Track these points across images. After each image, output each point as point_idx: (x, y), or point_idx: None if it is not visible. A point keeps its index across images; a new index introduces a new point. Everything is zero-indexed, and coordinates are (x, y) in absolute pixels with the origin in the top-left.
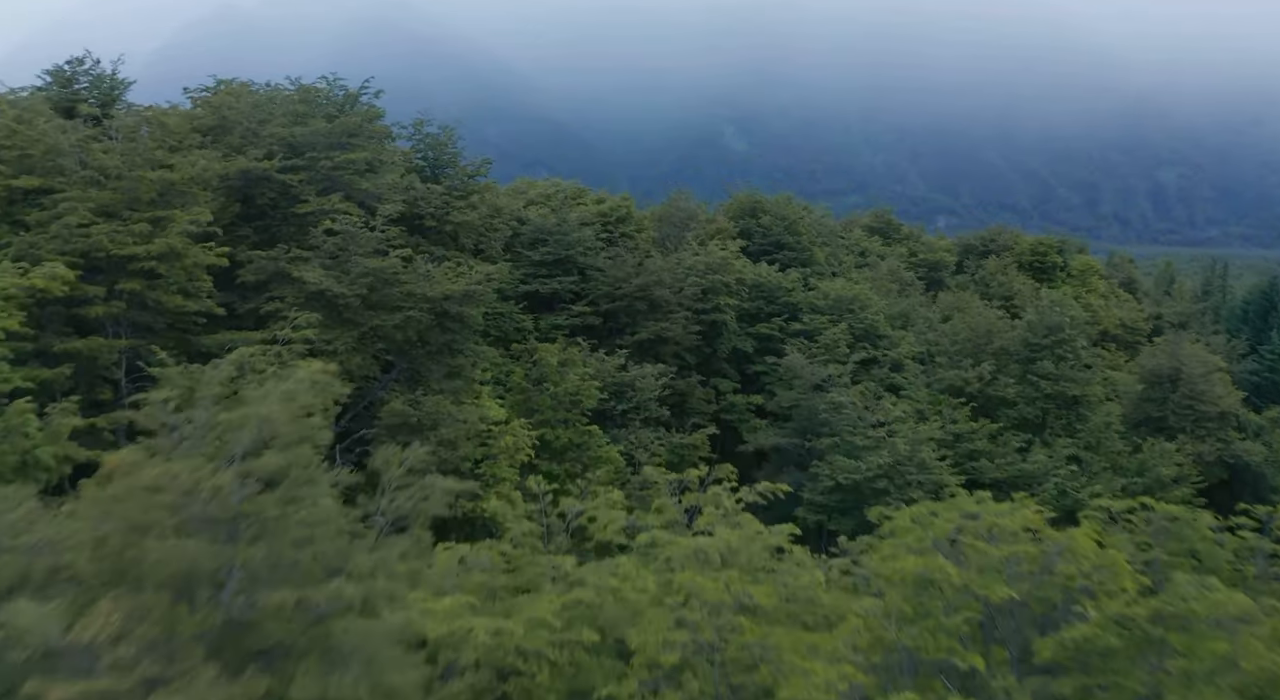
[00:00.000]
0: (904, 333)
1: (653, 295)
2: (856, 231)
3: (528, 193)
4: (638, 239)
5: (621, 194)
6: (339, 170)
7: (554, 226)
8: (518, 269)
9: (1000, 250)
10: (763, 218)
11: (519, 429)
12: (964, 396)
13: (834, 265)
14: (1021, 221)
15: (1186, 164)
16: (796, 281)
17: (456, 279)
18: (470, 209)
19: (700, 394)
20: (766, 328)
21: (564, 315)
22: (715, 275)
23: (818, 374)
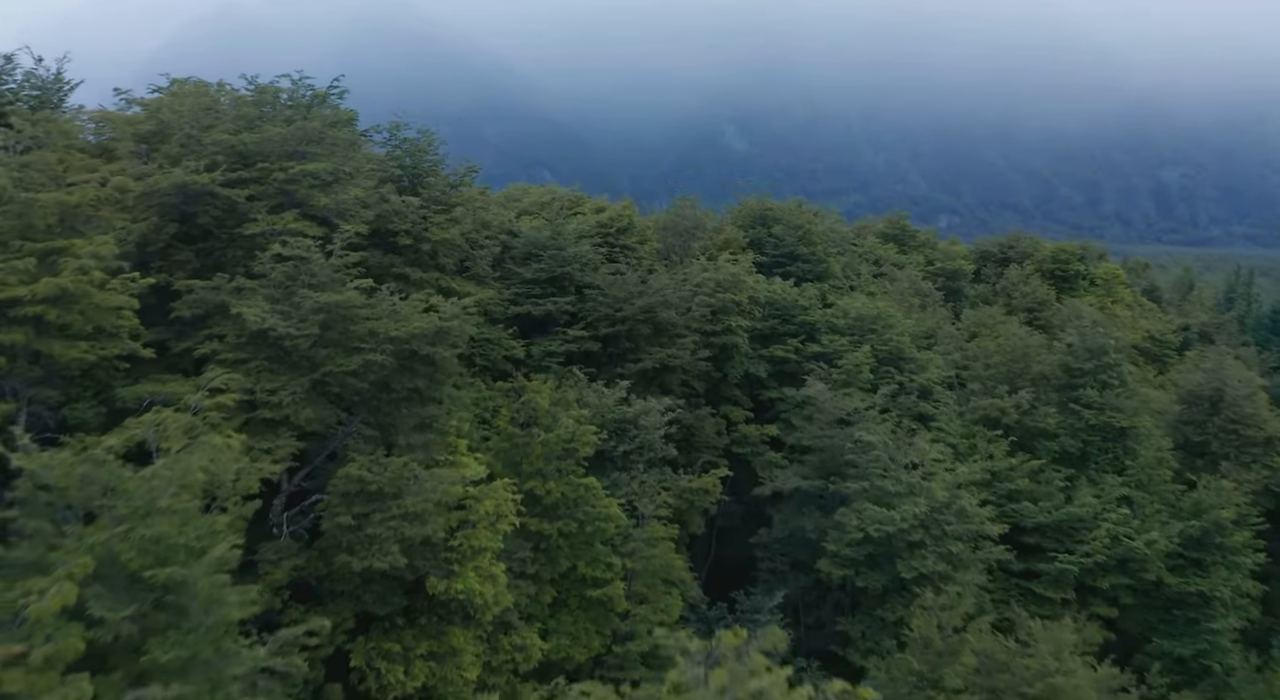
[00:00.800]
0: (931, 354)
1: (657, 317)
2: (870, 238)
3: (521, 200)
4: (640, 251)
5: (622, 200)
6: (294, 183)
7: (548, 240)
8: (508, 288)
9: (1020, 258)
10: (774, 227)
11: (502, 490)
12: (1000, 428)
13: (851, 277)
14: (1023, 221)
15: (1189, 163)
16: (813, 298)
17: (427, 314)
18: (452, 224)
19: (710, 425)
20: (782, 350)
21: (559, 340)
22: (726, 293)
23: (842, 407)
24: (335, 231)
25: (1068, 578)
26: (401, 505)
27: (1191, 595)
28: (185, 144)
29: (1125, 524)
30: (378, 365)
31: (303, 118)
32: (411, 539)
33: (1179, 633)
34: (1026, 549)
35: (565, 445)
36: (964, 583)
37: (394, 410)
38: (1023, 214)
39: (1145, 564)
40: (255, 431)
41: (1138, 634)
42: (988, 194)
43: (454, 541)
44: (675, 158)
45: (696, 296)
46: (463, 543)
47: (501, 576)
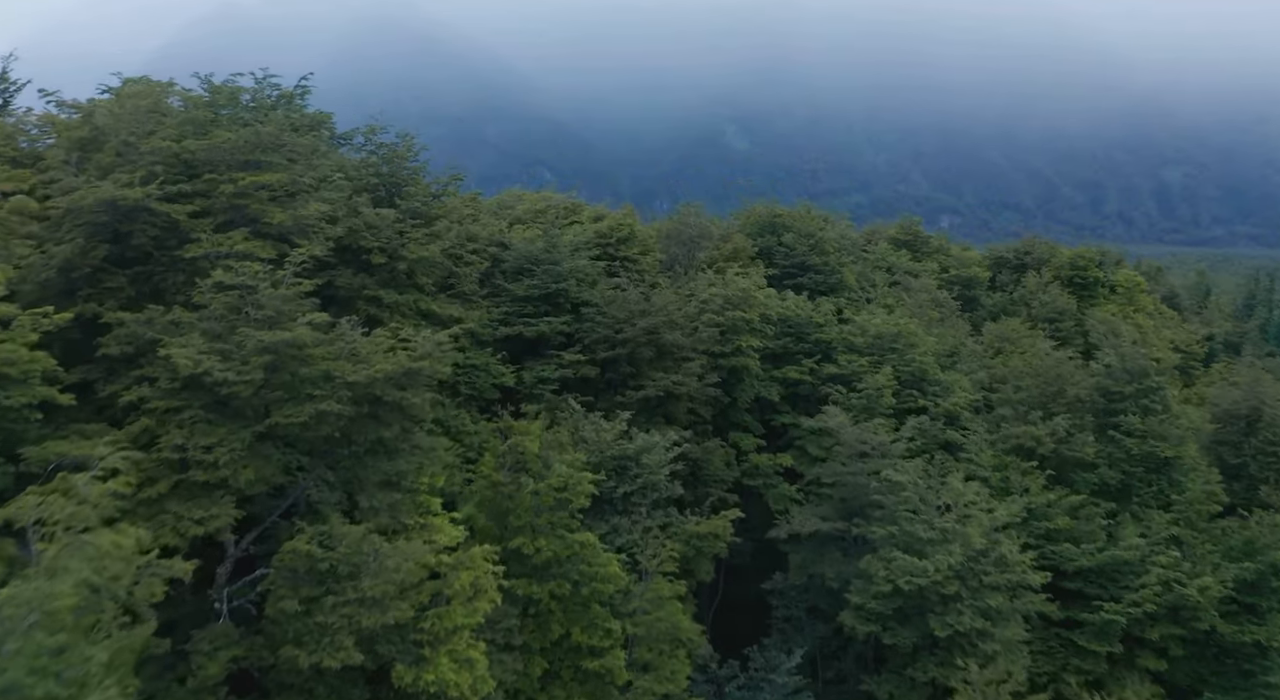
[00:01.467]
0: (957, 376)
1: (661, 340)
2: (882, 245)
3: (514, 208)
4: (642, 263)
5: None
6: (245, 197)
7: (542, 253)
8: (497, 307)
9: (1036, 264)
10: (785, 235)
11: (481, 560)
12: (1035, 458)
13: (866, 289)
14: (1025, 221)
15: (1191, 163)
16: (829, 315)
17: (395, 352)
18: (432, 239)
19: (719, 456)
20: (796, 371)
21: (553, 365)
22: (735, 311)
23: (868, 440)
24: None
25: (1114, 629)
26: (358, 588)
27: (1246, 645)
28: (122, 152)
29: (1175, 567)
30: (333, 416)
31: (261, 121)
32: (370, 629)
33: (1233, 686)
34: (1067, 595)
35: (558, 495)
36: (1004, 641)
37: (356, 465)
38: (1024, 214)
39: (1198, 612)
40: (186, 497)
41: (1187, 686)
42: (989, 194)
43: (424, 623)
44: (676, 157)
45: (703, 314)
46: (435, 623)
47: (481, 659)
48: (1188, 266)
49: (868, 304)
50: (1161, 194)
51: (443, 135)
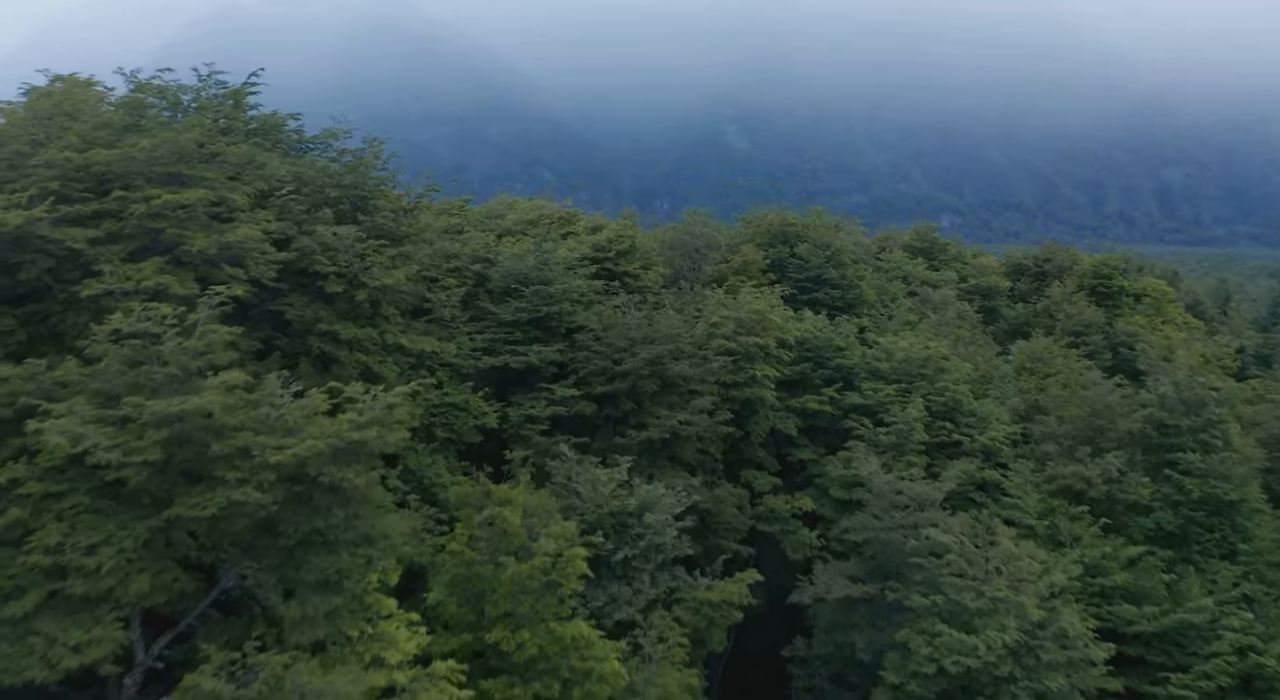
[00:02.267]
0: (992, 406)
1: (667, 371)
2: (897, 252)
3: (504, 218)
4: (644, 279)
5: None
6: (161, 218)
7: (532, 271)
8: (481, 333)
9: (1058, 272)
10: (798, 246)
11: (445, 680)
12: (1085, 502)
13: (887, 304)
14: (1026, 220)
15: (1193, 163)
16: (851, 337)
17: (335, 417)
18: (402, 261)
19: (731, 499)
20: (815, 402)
21: (542, 401)
22: (749, 337)
23: (904, 490)
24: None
25: None
26: None
27: None
28: (15, 165)
29: (1248, 631)
30: (249, 506)
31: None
32: None
33: None
34: (1127, 662)
35: (545, 577)
36: None
37: (285, 563)
38: (1025, 214)
39: (1275, 685)
40: (62, 614)
41: None
42: (990, 194)
43: None
44: (677, 157)
45: (713, 339)
46: None
47: None
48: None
49: (889, 321)
50: (1163, 194)
51: (443, 135)
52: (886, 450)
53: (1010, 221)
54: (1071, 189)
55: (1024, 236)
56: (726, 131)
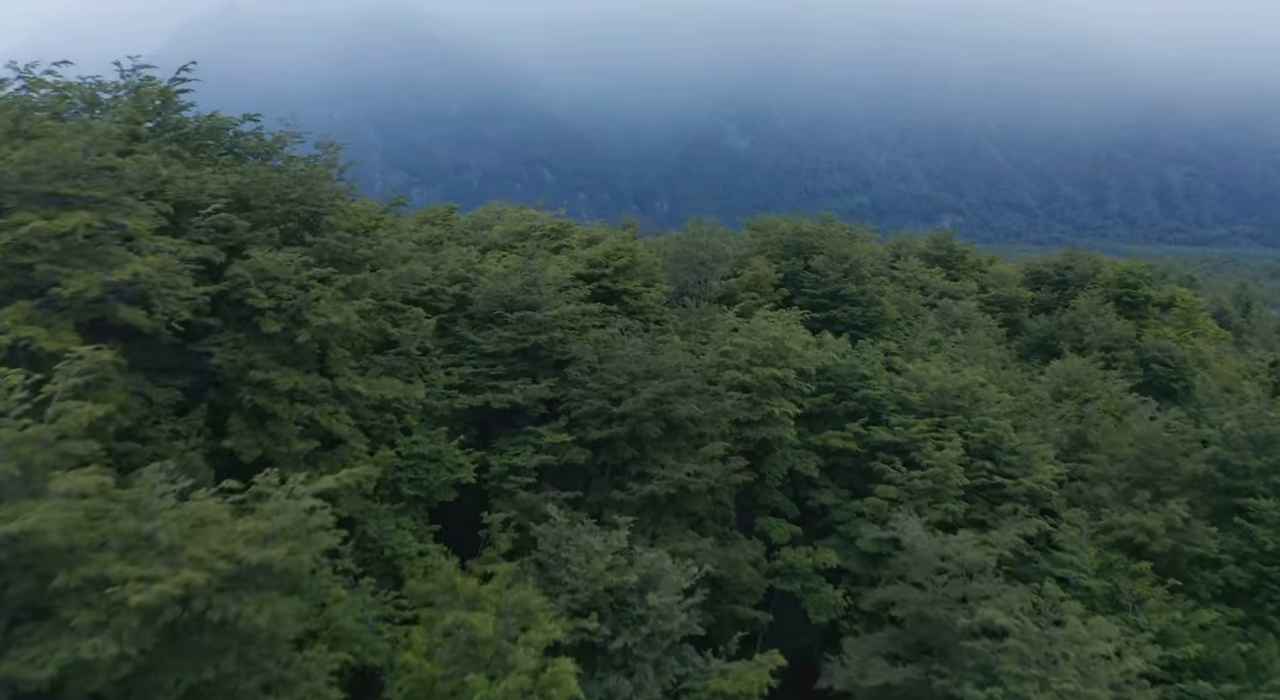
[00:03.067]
0: (1037, 442)
1: (673, 412)
2: (913, 261)
3: (491, 229)
4: (646, 298)
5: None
6: (29, 252)
7: (518, 295)
8: (460, 366)
9: (1080, 280)
10: (814, 258)
11: None
12: (1147, 557)
13: (910, 321)
14: (1027, 220)
15: (1194, 162)
16: (877, 364)
17: (244, 520)
18: (359, 290)
19: (746, 557)
20: (838, 438)
21: (529, 447)
22: (767, 368)
23: (955, 556)
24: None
25: None
26: None
27: None
28: None
29: None
30: (109, 660)
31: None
32: None
33: None
34: None
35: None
36: None
37: None
38: (1026, 213)
39: None
40: None
41: None
42: (991, 193)
43: None
44: (677, 156)
45: (725, 370)
46: None
47: None
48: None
49: (914, 341)
50: (1163, 193)
51: (443, 135)
52: (921, 496)
53: (1011, 221)
54: (1072, 188)
55: (1025, 236)
56: (727, 131)
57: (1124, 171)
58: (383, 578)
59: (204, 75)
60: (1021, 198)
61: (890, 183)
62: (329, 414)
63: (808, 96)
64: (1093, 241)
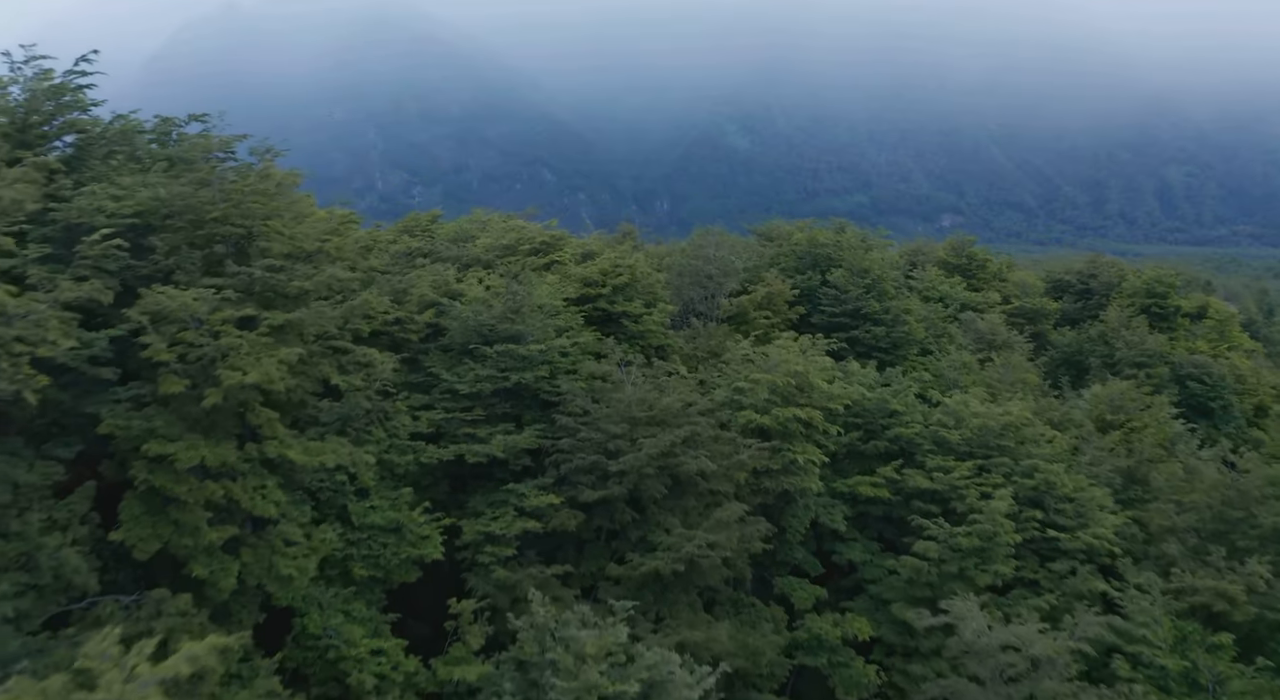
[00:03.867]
0: (1090, 482)
1: (681, 468)
2: (932, 270)
3: (474, 242)
4: (647, 322)
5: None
6: None
7: (499, 323)
8: (430, 408)
9: (1104, 289)
10: (832, 272)
11: None
12: (1228, 627)
13: (937, 340)
14: (1027, 220)
15: (1194, 162)
16: (909, 396)
17: None
18: (292, 333)
19: (767, 640)
20: (868, 485)
21: (510, 511)
22: (789, 408)
23: (1024, 649)
24: None
25: None
26: None
27: None
28: None
29: None
30: None
31: None
32: None
33: None
34: None
35: None
36: None
37: None
38: (1027, 213)
39: None
40: None
41: None
42: (992, 193)
43: None
44: (677, 156)
45: (741, 410)
46: None
47: None
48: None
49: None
50: (1164, 193)
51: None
52: (966, 556)
53: (1011, 221)
54: (1073, 188)
55: (1025, 236)
56: (727, 131)
57: (1124, 171)
58: (325, 684)
59: (203, 75)
60: (1022, 198)
61: (890, 182)
62: (253, 490)
63: (808, 96)
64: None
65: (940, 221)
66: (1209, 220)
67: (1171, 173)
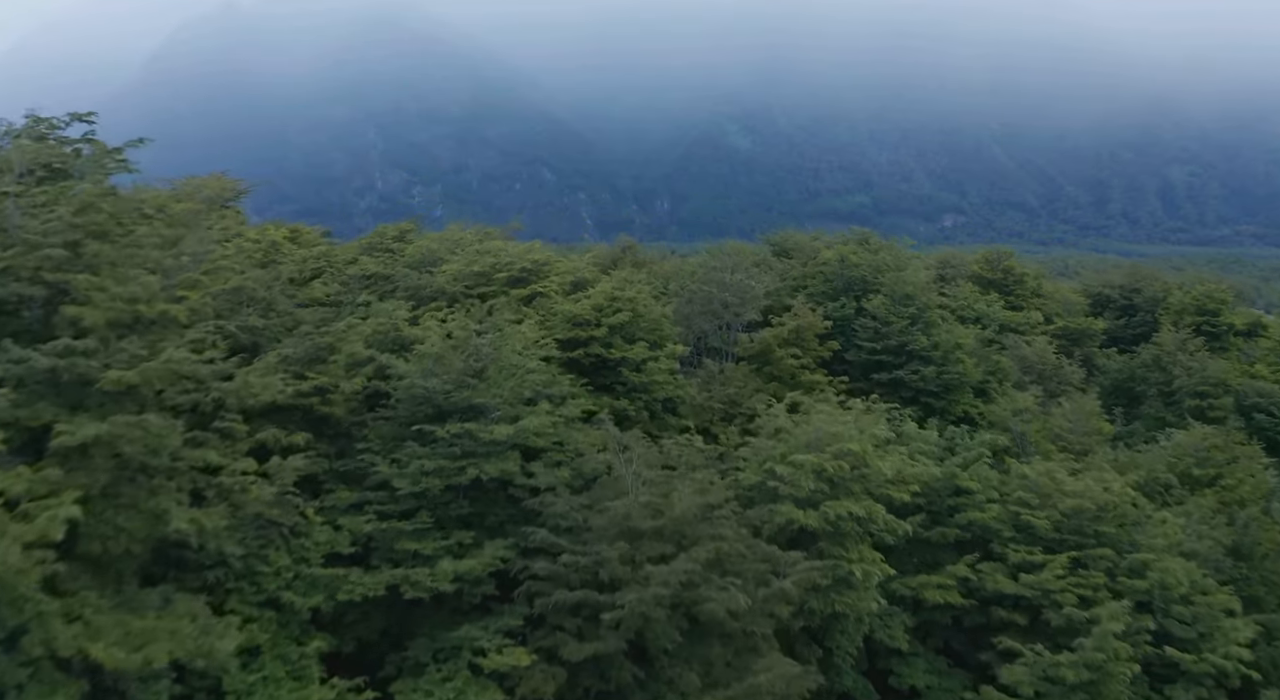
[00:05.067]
0: (1205, 577)
1: (704, 607)
2: (965, 286)
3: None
4: (652, 371)
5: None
6: None
7: (454, 391)
8: (360, 509)
9: (1149, 305)
10: (869, 299)
11: None
12: None
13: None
14: (1030, 220)
15: (1197, 162)
16: (983, 468)
17: None
18: (109, 447)
19: None
20: (937, 590)
21: (462, 665)
22: (840, 503)
23: None
24: None
25: None
26: None
27: None
28: None
29: None
30: None
31: None
32: None
33: None
34: None
35: None
36: None
37: None
38: (1029, 213)
39: None
40: None
41: None
42: (994, 193)
43: None
44: (677, 156)
45: (780, 503)
46: None
47: None
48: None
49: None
50: (1166, 193)
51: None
52: (1071, 692)
53: (1013, 221)
54: (1075, 188)
55: (1027, 236)
56: (727, 131)
57: (1127, 171)
58: None
59: (203, 75)
60: (1024, 197)
61: (892, 182)
62: None
63: (809, 96)
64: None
65: (942, 221)
66: (1212, 220)
67: (1174, 172)
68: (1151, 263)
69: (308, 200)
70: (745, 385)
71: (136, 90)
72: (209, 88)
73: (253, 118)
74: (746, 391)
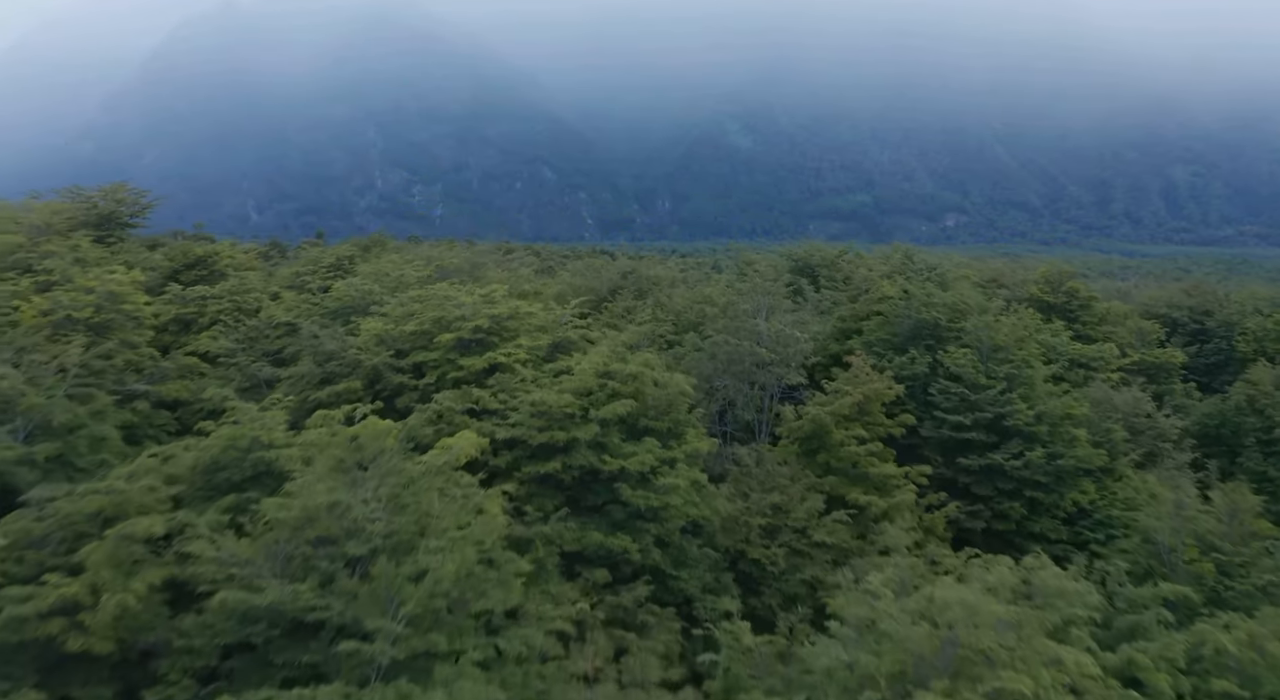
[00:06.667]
0: None
1: None
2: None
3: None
4: (669, 486)
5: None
6: None
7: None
8: None
9: (1223, 329)
10: (948, 352)
11: None
12: None
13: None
14: (1032, 219)
15: (1200, 162)
16: (1160, 637)
17: None
18: None
19: None
20: None
21: None
22: None
23: None
24: None
25: None
26: None
27: None
28: None
29: None
30: None
31: None
32: None
33: None
34: None
35: None
36: None
37: None
38: (1031, 213)
39: None
40: None
41: None
42: (996, 193)
43: None
44: (678, 155)
45: None
46: None
47: None
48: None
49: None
50: (1170, 193)
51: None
52: None
53: (1016, 220)
54: (1078, 188)
55: (1030, 236)
56: (729, 130)
57: (1130, 171)
58: None
59: (202, 73)
60: (1026, 197)
61: (894, 181)
62: None
63: (810, 95)
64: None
65: (944, 221)
66: (1215, 220)
67: (1177, 172)
68: (1155, 263)
69: (308, 199)
70: (793, 483)
71: (136, 88)
72: (209, 86)
73: (252, 116)
74: (795, 493)
